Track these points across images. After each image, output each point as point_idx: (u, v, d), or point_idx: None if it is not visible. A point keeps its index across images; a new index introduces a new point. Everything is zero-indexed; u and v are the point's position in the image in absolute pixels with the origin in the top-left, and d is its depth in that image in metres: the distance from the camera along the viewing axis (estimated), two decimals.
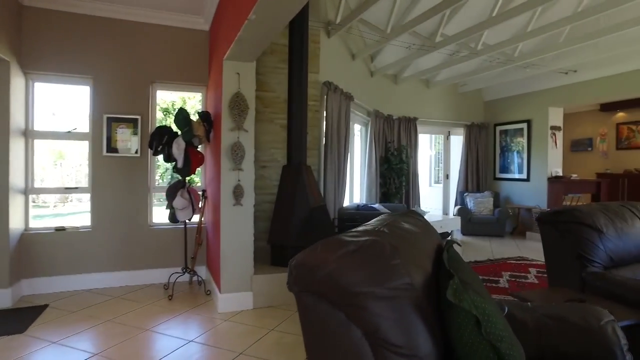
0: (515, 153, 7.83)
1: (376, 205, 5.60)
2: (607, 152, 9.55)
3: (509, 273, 4.75)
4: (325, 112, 4.82)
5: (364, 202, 6.41)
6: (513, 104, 7.81)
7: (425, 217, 6.38)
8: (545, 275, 4.24)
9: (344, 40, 5.79)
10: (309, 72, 4.26)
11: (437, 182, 10.67)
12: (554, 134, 7.35)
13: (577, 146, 9.73)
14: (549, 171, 7.29)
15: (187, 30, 4.36)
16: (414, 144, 7.38)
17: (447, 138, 8.20)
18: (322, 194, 4.73)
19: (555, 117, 7.37)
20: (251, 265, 3.58)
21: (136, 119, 4.16)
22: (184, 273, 4.08)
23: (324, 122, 4.89)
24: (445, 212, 8.23)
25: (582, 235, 2.53)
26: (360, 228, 1.36)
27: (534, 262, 5.30)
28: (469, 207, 7.61)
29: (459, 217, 7.08)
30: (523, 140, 7.64)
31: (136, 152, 4.18)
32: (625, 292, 2.22)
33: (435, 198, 8.92)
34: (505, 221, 7.36)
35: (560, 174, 7.44)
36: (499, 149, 8.16)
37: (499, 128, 8.13)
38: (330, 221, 4.20)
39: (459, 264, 1.27)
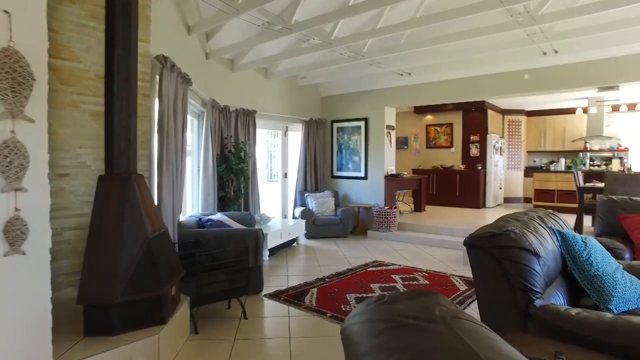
0: (353, 151, 7.77)
1: (218, 217, 4.52)
2: (420, 150, 10.59)
3: (378, 285, 4.37)
4: (158, 98, 3.46)
5: (200, 212, 5.21)
6: (351, 101, 7.72)
7: (271, 223, 5.60)
8: (420, 283, 4.16)
9: (178, 5, 4.44)
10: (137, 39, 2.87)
11: (270, 180, 10.05)
12: (389, 133, 7.54)
13: (396, 144, 10.49)
14: (385, 169, 7.46)
15: None
16: (252, 140, 6.48)
17: (285, 134, 7.59)
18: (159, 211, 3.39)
19: (390, 116, 7.57)
20: (48, 350, 2.09)
21: None
22: None
23: (156, 111, 3.53)
24: (285, 214, 7.64)
25: (523, 262, 2.12)
26: None
27: (391, 267, 5.11)
28: (311, 207, 7.18)
29: (304, 221, 6.56)
30: (360, 138, 7.63)
31: None
32: (592, 333, 1.86)
33: (271, 198, 8.24)
34: (349, 221, 7.21)
35: (394, 171, 7.72)
36: (336, 146, 8.00)
37: (336, 125, 7.96)
38: (175, 253, 2.96)
39: None
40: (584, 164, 9.57)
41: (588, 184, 5.89)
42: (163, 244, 2.71)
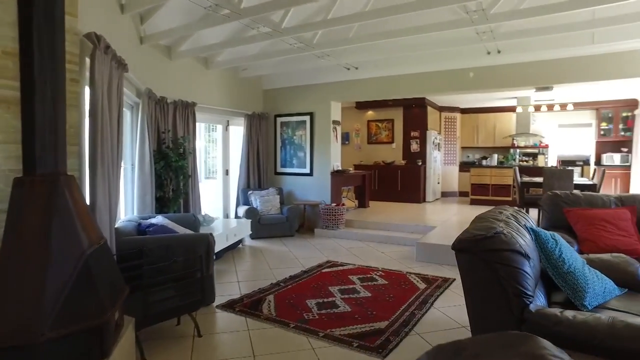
0: (297, 146, 7.50)
1: (160, 220, 4.05)
2: (361, 146, 10.60)
3: (337, 288, 4.16)
4: (89, 85, 2.92)
5: (136, 214, 4.65)
6: (295, 95, 7.44)
7: (215, 224, 5.18)
8: (379, 283, 3.82)
9: None
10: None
11: (207, 177, 9.46)
12: (335, 128, 7.38)
13: None
14: (332, 165, 7.29)
15: None
16: (192, 135, 5.96)
17: (226, 128, 7.11)
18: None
19: (336, 111, 7.41)
20: None
21: None
22: None
23: (87, 100, 2.98)
24: (227, 213, 7.18)
25: (516, 265, 2.01)
26: None
27: (346, 267, 4.95)
28: (255, 206, 6.81)
29: (249, 220, 6.20)
30: (306, 134, 7.38)
31: None
32: (593, 338, 1.79)
33: (209, 197, 7.72)
34: (295, 220, 6.94)
35: (340, 167, 7.58)
36: (280, 141, 7.68)
37: (280, 120, 7.64)
38: (117, 268, 2.49)
39: None
40: (514, 160, 10.19)
41: (526, 179, 6.19)
42: (103, 260, 2.25)
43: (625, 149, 9.71)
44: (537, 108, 9.74)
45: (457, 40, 5.25)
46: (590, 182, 5.70)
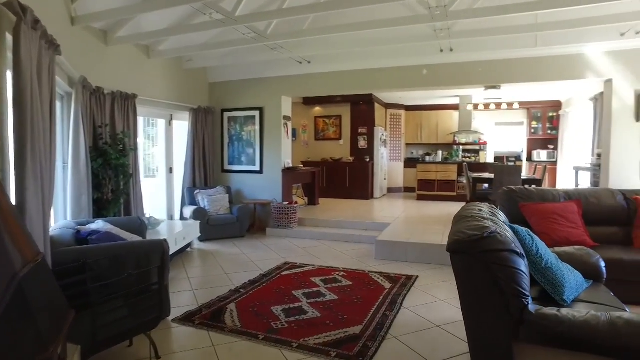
0: (246, 143, 7.15)
1: (101, 225, 3.60)
2: (308, 142, 10.43)
3: (301, 292, 3.95)
4: (14, 66, 2.43)
5: (71, 219, 4.10)
6: (244, 89, 7.07)
7: (161, 227, 4.75)
8: (344, 284, 3.61)
9: None
10: None
11: (147, 175, 8.75)
12: (286, 124, 7.13)
13: None
14: (283, 162, 7.04)
15: None
16: (134, 130, 5.41)
17: (170, 123, 6.59)
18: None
19: (287, 106, 7.15)
20: None
21: None
22: None
23: (8, 84, 2.48)
24: (171, 215, 6.67)
25: (513, 265, 1.93)
26: None
27: (306, 269, 4.74)
28: (203, 206, 6.38)
29: (198, 222, 5.78)
30: (255, 129, 7.05)
31: None
32: (595, 338, 1.75)
33: (151, 197, 7.12)
34: (246, 220, 6.60)
35: (291, 164, 7.35)
36: (227, 137, 7.28)
37: (227, 114, 7.23)
38: (58, 289, 2.08)
39: None
40: (458, 156, 10.59)
41: (475, 174, 6.39)
42: (41, 281, 1.84)
43: (551, 146, 10.47)
44: (475, 107, 10.19)
45: (413, 37, 5.24)
46: (536, 178, 5.99)
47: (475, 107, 10.14)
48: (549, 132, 10.41)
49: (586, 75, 5.43)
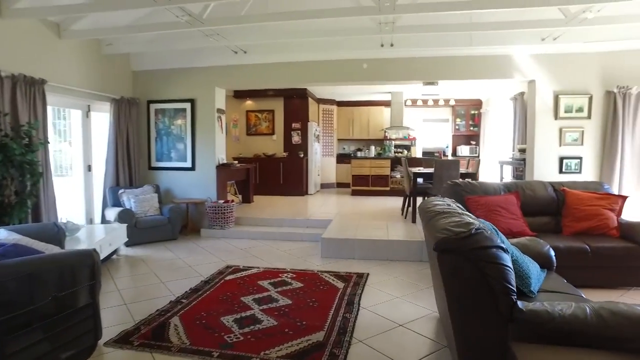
0: (176, 137, 6.58)
1: (4, 235, 3.02)
2: (239, 137, 9.99)
3: (250, 298, 3.64)
4: None
5: None
6: (173, 78, 6.49)
7: (81, 233, 4.16)
8: (295, 286, 3.37)
9: None
10: None
11: (58, 174, 7.70)
12: (220, 118, 6.68)
13: None
14: (217, 158, 6.59)
15: None
16: (43, 121, 4.65)
17: (87, 115, 5.81)
18: None
19: (221, 98, 6.70)
20: None
21: None
22: None
23: None
24: (90, 218, 5.91)
25: (501, 262, 1.86)
26: None
27: (251, 272, 4.43)
28: (129, 207, 5.74)
29: (124, 225, 5.17)
30: (186, 123, 6.51)
31: None
32: (584, 331, 1.72)
33: (64, 199, 6.25)
34: (178, 221, 6.06)
35: (225, 160, 6.92)
36: (155, 132, 6.64)
37: (154, 106, 6.59)
38: None
39: None
40: (390, 152, 10.82)
41: (414, 169, 6.50)
42: None
43: (473, 142, 11.16)
44: (407, 103, 10.51)
45: (356, 30, 5.14)
46: (470, 172, 6.25)
47: (407, 103, 10.46)
48: (472, 128, 11.08)
49: (514, 75, 5.76)
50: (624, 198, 4.30)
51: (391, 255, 4.96)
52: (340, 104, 11.41)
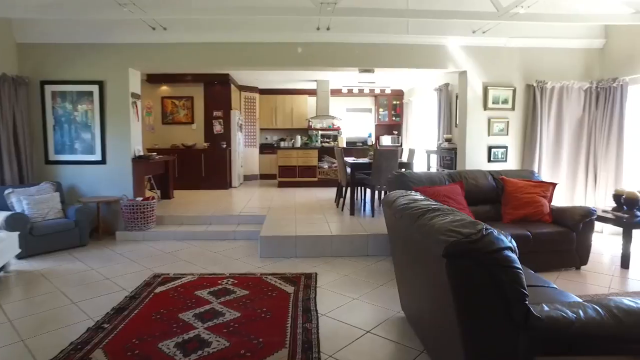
0: (81, 126, 5.60)
1: None
2: (154, 127, 9.04)
3: (191, 313, 3.12)
4: None
5: None
6: (76, 55, 5.50)
7: None
8: (239, 294, 2.95)
9: None
10: None
11: None
12: (135, 103, 5.83)
13: None
14: (133, 150, 5.76)
15: None
16: None
17: None
18: None
19: (136, 82, 5.85)
20: None
21: None
22: None
23: None
24: None
25: (513, 265, 1.65)
26: None
27: (185, 280, 3.86)
28: (21, 210, 4.73)
29: (16, 233, 4.24)
30: (94, 109, 5.57)
31: None
32: (603, 336, 1.59)
33: None
34: (87, 223, 5.17)
35: (142, 152, 6.10)
36: (52, 118, 5.58)
37: (50, 88, 5.53)
38: None
39: None
40: (317, 141, 10.57)
41: (351, 159, 6.31)
42: None
43: (395, 132, 11.40)
44: (333, 92, 10.33)
45: (291, 9, 4.72)
46: (404, 161, 6.23)
47: (333, 92, 10.28)
48: (394, 119, 11.29)
49: (448, 66, 5.81)
50: (554, 185, 4.53)
51: (335, 252, 4.72)
52: (263, 92, 10.87)
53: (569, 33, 5.74)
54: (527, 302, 1.63)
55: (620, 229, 4.35)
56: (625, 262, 4.28)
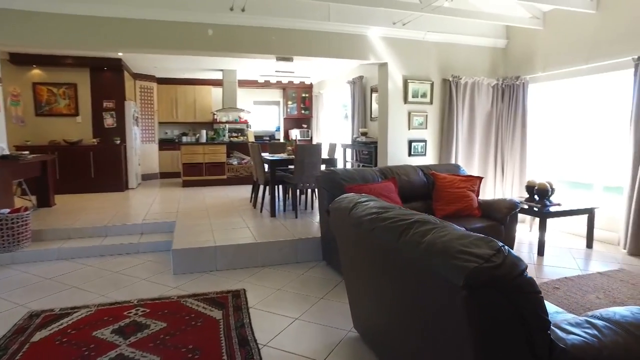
0: None
1: None
2: (25, 119, 7.49)
3: (107, 328, 2.37)
4: None
5: None
6: None
7: None
8: (155, 329, 2.80)
9: None
10: None
11: None
12: None
13: None
14: None
15: None
16: None
17: None
18: None
19: None
20: None
21: None
22: None
23: None
24: None
25: (534, 289, 1.35)
26: None
27: (77, 317, 3.02)
28: None
29: None
30: None
31: None
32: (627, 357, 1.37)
33: None
34: None
35: (7, 151, 4.86)
36: None
37: None
38: None
39: None
40: (225, 136, 9.77)
41: (266, 155, 5.79)
42: None
43: (305, 126, 11.11)
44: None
45: None
46: (327, 157, 5.90)
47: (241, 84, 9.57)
48: (303, 112, 10.97)
49: (369, 57, 5.61)
50: (481, 179, 4.57)
51: (262, 261, 4.20)
52: (162, 81, 9.73)
53: (478, 31, 5.94)
54: (550, 332, 1.35)
55: (524, 217, 4.61)
56: (541, 250, 4.49)
